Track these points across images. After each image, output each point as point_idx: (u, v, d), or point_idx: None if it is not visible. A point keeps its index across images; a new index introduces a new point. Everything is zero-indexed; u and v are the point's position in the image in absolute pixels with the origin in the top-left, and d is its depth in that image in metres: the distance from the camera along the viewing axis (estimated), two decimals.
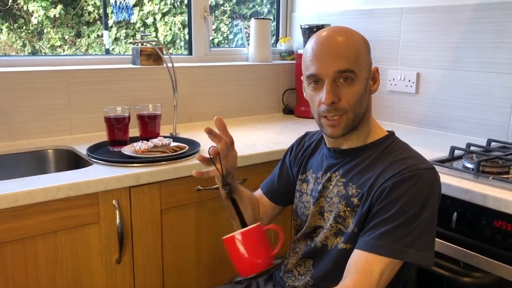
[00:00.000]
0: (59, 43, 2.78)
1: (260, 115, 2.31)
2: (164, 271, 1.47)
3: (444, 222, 1.28)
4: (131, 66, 1.97)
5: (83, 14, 2.85)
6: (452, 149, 1.51)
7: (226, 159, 1.05)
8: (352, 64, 0.99)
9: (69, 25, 2.82)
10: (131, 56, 2.03)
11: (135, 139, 1.60)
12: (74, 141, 1.70)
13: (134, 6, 2.66)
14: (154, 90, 1.95)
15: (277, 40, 2.56)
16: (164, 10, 2.92)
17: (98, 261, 1.34)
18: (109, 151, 1.55)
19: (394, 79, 2.09)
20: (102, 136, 1.66)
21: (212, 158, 1.03)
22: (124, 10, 2.57)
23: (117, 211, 1.33)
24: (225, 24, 2.79)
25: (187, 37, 2.29)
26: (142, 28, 2.91)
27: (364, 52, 1.03)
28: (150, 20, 2.96)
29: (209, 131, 1.01)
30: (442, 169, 1.37)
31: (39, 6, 2.67)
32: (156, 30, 2.95)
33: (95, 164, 1.42)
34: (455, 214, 1.27)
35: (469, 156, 1.46)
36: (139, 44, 1.97)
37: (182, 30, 2.74)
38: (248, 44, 2.38)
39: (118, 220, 1.33)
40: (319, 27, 2.17)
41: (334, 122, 1.02)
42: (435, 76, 1.95)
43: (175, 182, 1.43)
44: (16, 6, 2.56)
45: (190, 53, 2.24)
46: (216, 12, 2.66)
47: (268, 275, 1.25)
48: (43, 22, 2.71)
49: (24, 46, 2.68)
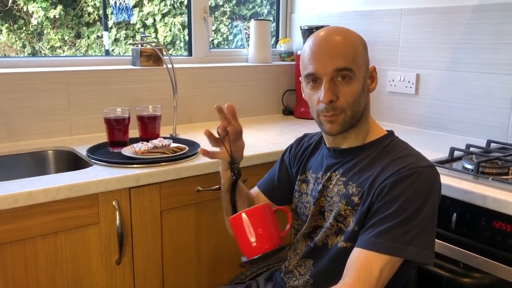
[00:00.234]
0: (59, 44, 2.78)
1: (259, 116, 2.32)
2: (164, 272, 1.47)
3: (443, 223, 1.28)
4: (131, 67, 1.97)
5: (83, 15, 2.85)
6: (452, 150, 1.51)
7: (234, 144, 1.06)
8: (350, 63, 1.00)
9: (69, 26, 2.82)
10: (131, 57, 2.03)
11: (135, 140, 1.60)
12: (74, 142, 1.70)
13: (134, 7, 2.66)
14: (154, 91, 1.95)
15: (276, 41, 2.57)
16: (164, 11, 2.92)
17: (98, 262, 1.34)
18: (109, 152, 1.55)
19: (393, 80, 2.09)
20: (102, 137, 1.66)
21: (220, 133, 1.02)
22: (124, 11, 2.57)
23: (117, 212, 1.33)
24: (225, 25, 2.79)
25: (187, 38, 2.30)
26: (142, 29, 2.92)
27: (362, 51, 1.04)
28: (150, 21, 2.96)
29: (219, 109, 1.02)
30: (441, 170, 1.37)
31: (39, 7, 2.68)
32: (156, 31, 2.96)
33: (95, 165, 1.42)
34: (454, 215, 1.27)
35: (468, 157, 1.47)
36: (139, 45, 1.97)
37: (182, 31, 2.74)
38: (248, 45, 2.38)
39: (118, 221, 1.33)
40: (318, 28, 2.15)
41: (333, 118, 1.03)
42: (434, 77, 1.95)
43: (175, 183, 1.43)
44: (16, 7, 2.56)
45: (190, 54, 2.24)
46: (216, 13, 2.67)
47: (272, 264, 1.25)
48: (43, 23, 2.71)
49: (24, 47, 2.68)
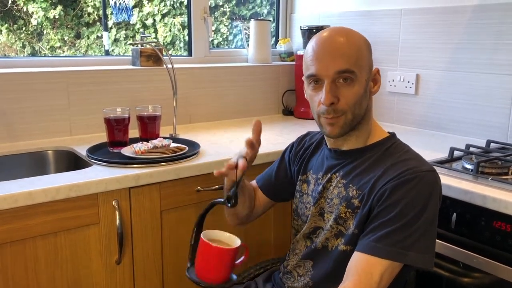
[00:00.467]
0: (58, 44, 2.78)
1: (259, 116, 2.31)
2: (164, 272, 1.47)
3: (443, 223, 1.28)
4: (130, 67, 1.97)
5: (82, 15, 2.85)
6: (452, 150, 1.51)
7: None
8: (352, 65, 0.99)
9: (68, 26, 2.82)
10: (131, 57, 2.03)
11: (135, 140, 1.60)
12: (74, 142, 1.70)
13: (133, 7, 2.66)
14: (154, 91, 1.95)
15: (276, 41, 2.57)
16: (164, 11, 2.92)
17: (98, 262, 1.34)
18: (109, 152, 1.55)
19: (393, 80, 2.09)
20: (102, 137, 1.66)
21: (238, 172, 1.02)
22: (124, 11, 2.57)
23: (117, 212, 1.33)
24: (224, 25, 2.79)
25: (186, 38, 2.30)
26: (141, 29, 2.92)
27: (365, 53, 1.03)
28: (149, 21, 2.96)
29: (249, 143, 1.08)
30: (441, 170, 1.38)
31: (38, 7, 2.67)
32: (155, 31, 2.96)
33: (95, 165, 1.42)
34: (454, 215, 1.27)
35: (468, 157, 1.47)
36: (139, 45, 1.97)
37: (181, 31, 2.74)
38: (248, 45, 2.38)
39: (118, 221, 1.33)
40: (318, 28, 2.17)
41: (333, 120, 1.02)
42: (434, 77, 1.95)
43: (175, 183, 1.43)
44: (16, 7, 2.56)
45: (190, 54, 2.24)
46: (215, 13, 2.67)
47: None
48: (43, 23, 2.71)
49: (23, 47, 2.68)
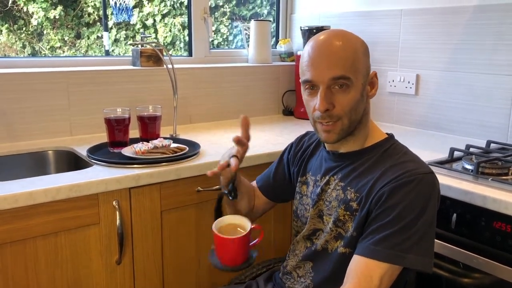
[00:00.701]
0: (59, 44, 2.79)
1: (259, 117, 2.32)
2: (164, 272, 1.47)
3: (443, 223, 1.28)
4: (131, 67, 1.97)
5: (83, 16, 2.85)
6: (452, 150, 1.51)
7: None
8: (348, 70, 0.97)
9: (69, 26, 2.82)
10: (131, 58, 2.03)
11: (135, 140, 1.60)
12: (74, 142, 1.70)
13: (134, 7, 2.66)
14: (154, 91, 1.95)
15: (277, 41, 2.57)
16: (164, 12, 2.92)
17: (98, 262, 1.34)
18: (109, 152, 1.55)
19: (393, 81, 2.09)
20: (102, 137, 1.66)
21: (231, 168, 1.05)
22: (124, 12, 2.57)
23: (117, 212, 1.33)
24: (225, 26, 2.79)
25: (187, 38, 2.30)
26: (142, 30, 2.92)
27: (362, 57, 1.01)
28: (150, 22, 2.96)
29: (237, 141, 1.06)
30: (441, 170, 1.38)
31: (39, 8, 2.68)
32: (156, 32, 2.96)
33: (95, 165, 1.42)
34: (454, 215, 1.27)
35: (468, 157, 1.47)
36: (139, 45, 1.97)
37: (182, 31, 2.74)
38: (248, 45, 2.38)
39: (118, 221, 1.33)
40: (318, 29, 2.17)
41: (329, 127, 1.01)
42: (434, 77, 1.95)
43: (175, 183, 1.43)
44: (16, 8, 2.56)
45: (190, 54, 2.24)
46: (216, 13, 2.67)
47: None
48: (43, 24, 2.71)
49: (24, 47, 2.68)
